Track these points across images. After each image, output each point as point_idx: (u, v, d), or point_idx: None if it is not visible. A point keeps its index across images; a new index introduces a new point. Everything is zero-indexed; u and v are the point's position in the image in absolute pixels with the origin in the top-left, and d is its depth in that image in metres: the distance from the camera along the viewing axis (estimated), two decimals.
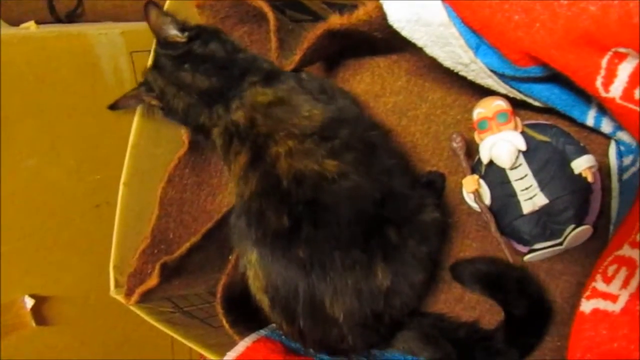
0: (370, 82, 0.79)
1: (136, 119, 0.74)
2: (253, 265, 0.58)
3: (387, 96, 0.78)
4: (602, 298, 0.50)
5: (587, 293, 0.49)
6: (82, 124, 0.95)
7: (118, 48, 0.99)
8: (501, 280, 0.62)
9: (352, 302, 0.55)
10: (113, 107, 0.73)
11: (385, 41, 0.69)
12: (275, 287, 0.56)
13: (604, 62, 0.48)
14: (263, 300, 0.59)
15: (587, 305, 0.48)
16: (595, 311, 0.50)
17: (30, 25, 1.05)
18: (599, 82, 0.49)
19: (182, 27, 0.68)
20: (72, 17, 1.09)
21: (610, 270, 0.51)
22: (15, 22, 0.96)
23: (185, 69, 0.66)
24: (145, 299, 0.68)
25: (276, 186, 0.57)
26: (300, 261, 0.55)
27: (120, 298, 0.70)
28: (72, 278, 0.90)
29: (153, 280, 0.65)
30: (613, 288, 0.50)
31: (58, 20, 1.09)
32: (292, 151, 0.58)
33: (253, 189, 0.58)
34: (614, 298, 0.49)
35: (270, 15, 0.67)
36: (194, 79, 0.65)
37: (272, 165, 0.58)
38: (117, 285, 0.72)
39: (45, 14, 1.09)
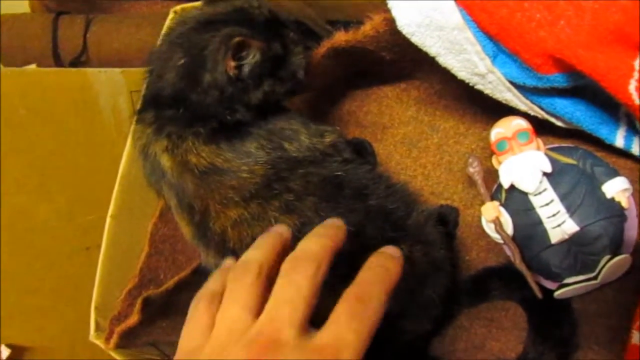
0: (377, 113, 0.75)
1: (127, 147, 0.69)
2: None
3: (396, 127, 0.74)
4: None
5: (638, 323, 0.42)
6: (76, 162, 0.91)
7: (118, 87, 0.97)
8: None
9: None
10: None
11: (394, 65, 0.66)
12: None
13: (637, 62, 0.43)
14: None
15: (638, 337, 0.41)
16: None
17: (32, 67, 1.04)
18: (632, 87, 0.44)
19: None
20: (76, 65, 1.08)
21: None
22: None
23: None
24: (127, 342, 0.60)
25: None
26: None
27: (100, 343, 0.62)
28: (55, 326, 0.84)
29: (134, 318, 0.58)
30: None
31: (62, 66, 1.07)
32: (238, 221, 0.51)
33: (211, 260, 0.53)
34: None
35: None
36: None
37: (221, 237, 0.52)
38: (98, 329, 0.64)
39: (49, 60, 1.09)
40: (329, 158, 0.55)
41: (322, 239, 0.38)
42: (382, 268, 0.37)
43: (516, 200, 0.58)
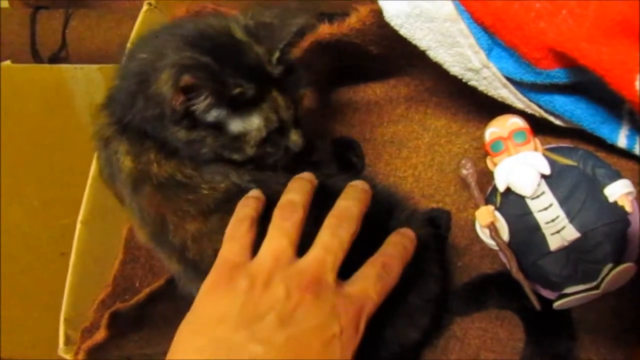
0: (365, 111, 0.72)
1: None
2: None
3: (385, 126, 0.70)
4: None
5: None
6: (51, 163, 0.87)
7: (95, 84, 0.93)
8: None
9: None
10: None
11: (382, 60, 0.63)
12: None
13: None
14: None
15: None
16: None
17: (6, 63, 0.99)
18: (638, 83, 0.41)
19: None
20: (55, 61, 1.04)
21: None
22: None
23: None
24: (96, 357, 0.56)
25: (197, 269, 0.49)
26: None
27: (69, 357, 0.59)
28: (28, 337, 0.80)
29: (101, 333, 0.54)
30: None
31: (41, 63, 1.03)
32: (197, 236, 0.48)
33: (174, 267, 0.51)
34: None
35: None
36: None
37: (181, 249, 0.49)
38: (68, 342, 0.61)
39: (28, 57, 1.05)
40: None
41: (358, 203, 0.44)
42: (401, 245, 0.45)
43: (512, 204, 0.54)
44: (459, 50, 0.46)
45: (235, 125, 0.47)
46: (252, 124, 0.48)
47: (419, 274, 0.52)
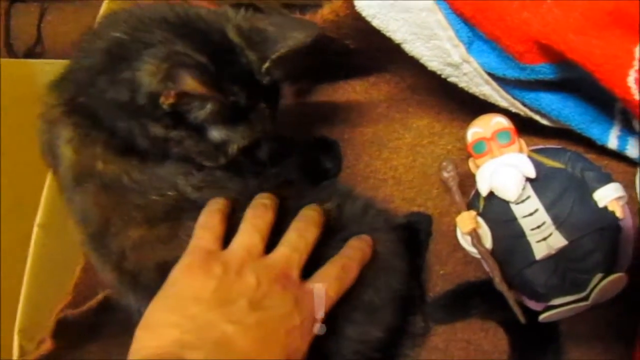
0: (345, 109, 0.69)
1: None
2: None
3: (365, 125, 0.67)
4: None
5: None
6: (15, 162, 0.83)
7: None
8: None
9: None
10: None
11: (360, 55, 0.60)
12: None
13: (639, 50, 0.37)
14: None
15: None
16: None
17: None
18: (631, 79, 0.38)
19: None
20: (30, 56, 1.01)
21: None
22: None
23: None
24: None
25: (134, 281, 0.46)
26: None
27: None
28: None
29: (47, 343, 0.50)
30: None
31: (15, 57, 1.00)
32: (138, 243, 0.45)
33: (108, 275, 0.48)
34: None
35: None
36: None
37: (119, 257, 0.46)
38: (23, 354, 0.57)
39: (2, 51, 1.01)
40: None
41: (320, 213, 0.48)
42: (360, 250, 0.48)
43: (496, 210, 0.51)
44: (437, 44, 0.42)
45: (219, 133, 0.45)
46: (235, 134, 0.46)
47: (378, 268, 0.51)
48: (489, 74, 0.45)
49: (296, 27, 0.46)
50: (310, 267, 0.46)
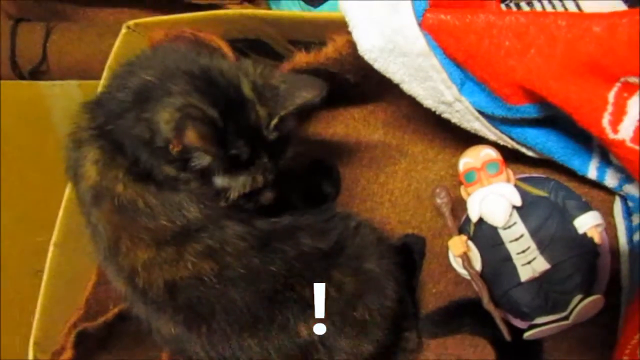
0: (344, 135, 0.72)
1: None
2: None
3: (363, 151, 0.70)
4: None
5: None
6: (26, 179, 0.86)
7: (74, 100, 0.91)
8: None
9: None
10: None
11: (359, 87, 0.63)
12: None
13: (612, 95, 0.41)
14: None
15: None
16: None
17: None
18: (605, 121, 0.42)
19: None
20: (36, 75, 1.03)
21: None
22: None
23: None
24: None
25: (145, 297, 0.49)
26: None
27: None
28: None
29: (67, 353, 0.53)
30: None
31: (21, 77, 1.02)
32: (148, 264, 0.48)
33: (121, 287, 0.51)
34: None
35: (230, 56, 0.60)
36: None
37: (130, 273, 0.49)
38: None
39: (7, 71, 1.03)
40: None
41: None
42: None
43: (485, 234, 0.55)
44: (431, 85, 0.46)
45: (221, 180, 0.48)
46: (237, 183, 0.48)
47: (370, 290, 0.52)
48: (479, 112, 0.48)
49: (306, 86, 0.49)
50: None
